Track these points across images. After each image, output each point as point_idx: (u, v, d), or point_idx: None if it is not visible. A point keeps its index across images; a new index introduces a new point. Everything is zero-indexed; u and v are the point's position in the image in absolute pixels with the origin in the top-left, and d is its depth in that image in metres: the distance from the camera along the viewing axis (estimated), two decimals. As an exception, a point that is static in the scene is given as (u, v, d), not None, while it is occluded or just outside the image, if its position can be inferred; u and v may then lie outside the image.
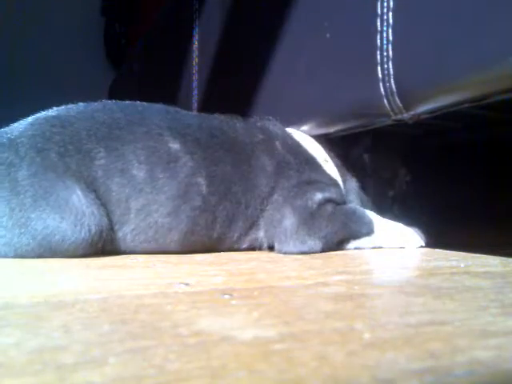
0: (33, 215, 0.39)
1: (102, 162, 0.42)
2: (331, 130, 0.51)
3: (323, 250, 0.45)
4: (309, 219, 0.46)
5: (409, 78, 0.38)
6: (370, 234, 0.48)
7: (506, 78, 0.32)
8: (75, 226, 0.39)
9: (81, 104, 0.46)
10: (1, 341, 0.18)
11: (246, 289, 0.28)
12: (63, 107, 0.45)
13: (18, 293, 0.27)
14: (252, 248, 0.48)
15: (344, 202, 0.51)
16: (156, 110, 0.47)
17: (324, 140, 0.53)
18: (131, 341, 0.18)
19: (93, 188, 0.41)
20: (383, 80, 0.40)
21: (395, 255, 0.45)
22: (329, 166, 0.52)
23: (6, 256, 0.39)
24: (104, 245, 0.41)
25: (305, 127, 0.54)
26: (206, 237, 0.45)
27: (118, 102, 0.47)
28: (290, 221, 0.46)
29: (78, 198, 0.40)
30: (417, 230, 0.50)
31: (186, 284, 0.29)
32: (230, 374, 0.15)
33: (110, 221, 0.41)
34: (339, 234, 0.47)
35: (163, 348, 0.17)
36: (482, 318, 0.22)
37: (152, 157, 0.43)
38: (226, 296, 0.26)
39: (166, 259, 0.40)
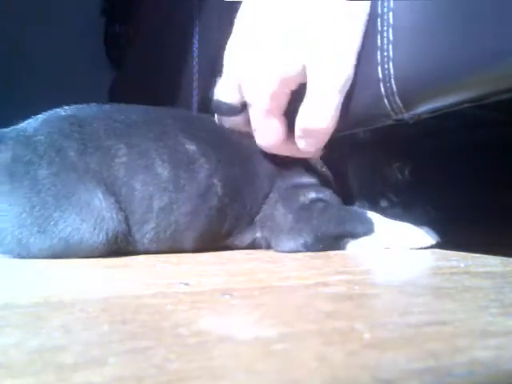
0: (55, 214, 0.38)
1: (124, 159, 0.42)
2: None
3: (316, 248, 0.45)
4: (299, 216, 0.46)
5: (409, 77, 0.38)
6: (369, 233, 0.47)
7: (506, 77, 0.32)
8: (94, 229, 0.39)
9: (93, 104, 0.46)
10: (1, 341, 0.18)
11: (246, 289, 0.28)
12: (75, 106, 0.45)
13: (17, 293, 0.27)
14: (252, 247, 0.48)
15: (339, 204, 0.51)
16: (167, 113, 0.48)
17: None
18: (131, 341, 0.18)
19: (114, 189, 0.41)
20: (383, 80, 0.40)
21: (395, 255, 0.45)
22: (320, 163, 0.52)
23: (19, 256, 0.39)
24: (120, 247, 0.41)
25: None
26: (217, 234, 0.46)
27: (129, 105, 0.48)
28: (282, 218, 0.47)
29: (100, 200, 0.39)
30: (427, 228, 0.49)
31: (186, 284, 0.29)
32: (230, 374, 0.15)
33: (129, 224, 0.41)
34: (332, 232, 0.46)
35: (163, 348, 0.17)
36: (482, 318, 0.22)
37: (173, 156, 0.44)
38: (226, 296, 0.26)
39: (166, 259, 0.40)
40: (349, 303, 0.25)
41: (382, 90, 0.40)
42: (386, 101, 0.40)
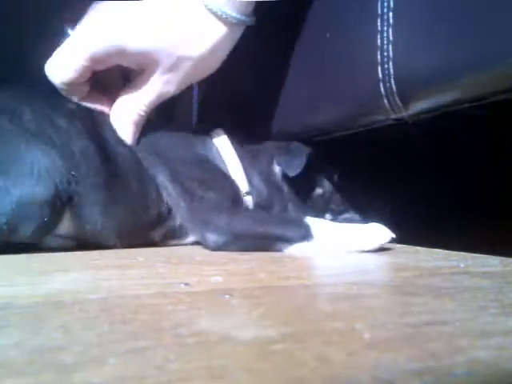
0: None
1: (30, 117, 0.44)
2: (330, 130, 0.51)
3: (237, 246, 0.45)
4: (203, 213, 0.46)
5: (409, 77, 0.38)
6: (306, 238, 0.44)
7: (506, 77, 0.32)
8: (44, 182, 0.40)
9: None
10: (1, 341, 0.18)
11: (246, 289, 0.28)
12: None
13: (17, 293, 0.27)
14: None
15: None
16: (32, 91, 0.53)
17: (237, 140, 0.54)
18: (131, 341, 0.18)
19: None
20: (383, 80, 0.40)
21: (394, 255, 0.45)
22: (235, 165, 0.53)
23: None
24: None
25: (304, 128, 0.53)
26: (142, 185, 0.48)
27: None
28: (183, 212, 0.48)
29: (43, 154, 0.41)
30: (378, 225, 0.46)
31: (186, 284, 0.29)
32: (230, 374, 0.15)
33: (77, 173, 0.43)
34: (254, 232, 0.45)
35: (163, 348, 0.17)
36: (482, 318, 0.22)
37: (67, 111, 0.48)
38: (226, 296, 0.26)
39: (166, 259, 0.40)
40: (348, 303, 0.25)
41: (382, 89, 0.40)
42: (385, 100, 0.40)
